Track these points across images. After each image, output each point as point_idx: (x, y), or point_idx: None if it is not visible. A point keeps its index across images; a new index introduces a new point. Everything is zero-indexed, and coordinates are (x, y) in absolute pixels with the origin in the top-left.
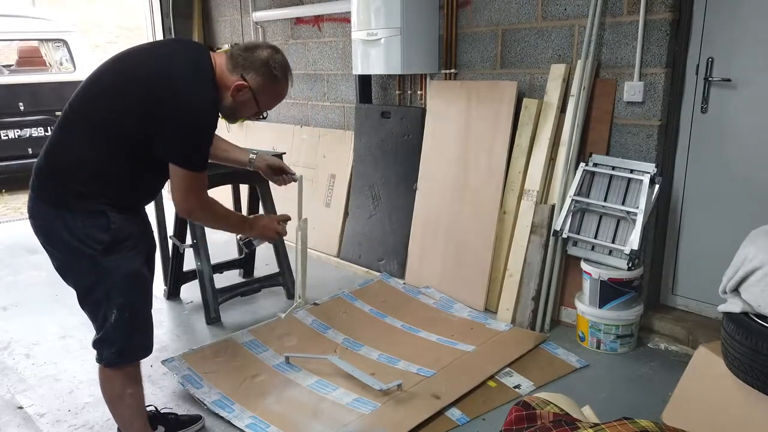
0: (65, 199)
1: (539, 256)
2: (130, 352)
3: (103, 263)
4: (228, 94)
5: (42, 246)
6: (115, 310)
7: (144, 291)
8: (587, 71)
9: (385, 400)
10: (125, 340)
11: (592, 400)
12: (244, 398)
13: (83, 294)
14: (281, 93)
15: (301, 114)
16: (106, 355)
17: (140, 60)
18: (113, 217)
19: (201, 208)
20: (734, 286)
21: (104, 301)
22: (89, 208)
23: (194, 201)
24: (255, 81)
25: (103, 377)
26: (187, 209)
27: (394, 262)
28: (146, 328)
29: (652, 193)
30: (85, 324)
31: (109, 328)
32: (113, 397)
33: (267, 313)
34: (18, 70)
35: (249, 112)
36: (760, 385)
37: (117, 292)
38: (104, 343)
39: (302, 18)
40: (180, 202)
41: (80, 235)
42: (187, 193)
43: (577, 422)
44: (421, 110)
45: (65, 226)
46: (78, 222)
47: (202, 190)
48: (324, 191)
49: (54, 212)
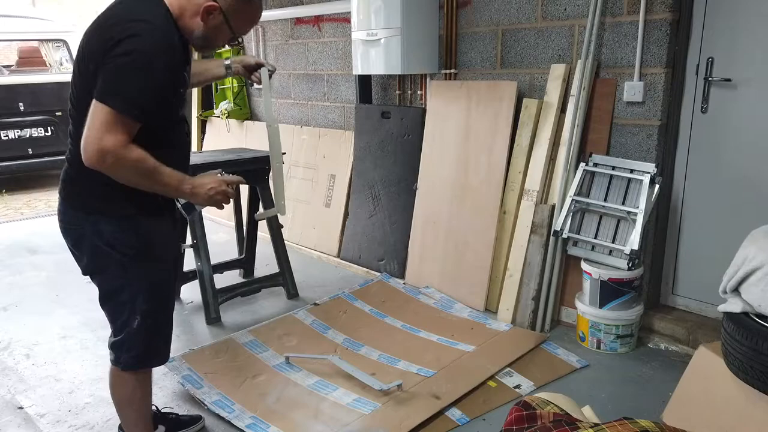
0: (93, 204)
1: (539, 256)
2: (149, 357)
3: (132, 269)
4: (198, 20)
5: (69, 249)
6: (138, 316)
7: (168, 298)
8: (587, 71)
9: (385, 400)
10: (146, 345)
11: (593, 400)
12: (244, 398)
13: (107, 296)
14: (254, 15)
15: (301, 114)
16: (125, 358)
17: (91, 25)
18: (143, 221)
19: (119, 154)
20: (734, 286)
21: (128, 305)
22: (119, 213)
23: (111, 143)
24: (226, 2)
25: (117, 379)
26: (99, 151)
27: (394, 262)
28: (167, 334)
29: (652, 193)
30: (85, 324)
31: (131, 332)
32: (123, 400)
33: (267, 313)
34: (18, 70)
35: (223, 39)
36: (760, 385)
37: (143, 298)
38: (123, 347)
39: (302, 18)
40: (92, 141)
41: (110, 240)
42: (105, 132)
43: (578, 422)
44: (421, 110)
45: (96, 232)
46: (108, 227)
47: (124, 134)
48: (324, 191)
49: (84, 217)
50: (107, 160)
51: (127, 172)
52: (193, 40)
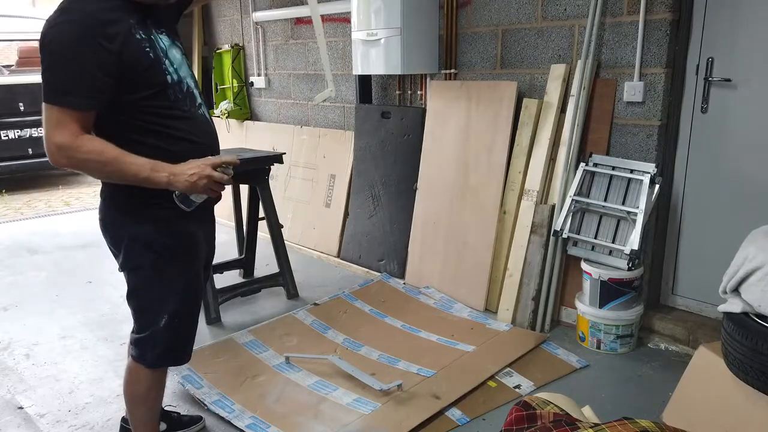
0: (130, 204)
1: (539, 256)
2: (172, 356)
3: (165, 269)
4: None
5: (107, 246)
6: (166, 316)
7: (196, 300)
8: (587, 71)
9: (385, 400)
10: (171, 344)
11: (592, 400)
12: (244, 398)
13: (137, 292)
14: None
15: (301, 114)
16: (150, 356)
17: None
18: (177, 222)
19: (72, 147)
20: (734, 286)
21: (157, 304)
22: (154, 214)
23: (60, 138)
24: None
25: (134, 376)
26: (53, 147)
27: (394, 262)
28: (192, 334)
29: (652, 193)
30: (85, 324)
31: (157, 331)
32: (137, 397)
33: (267, 313)
34: (18, 71)
35: None
36: (760, 385)
37: (173, 299)
38: (148, 344)
39: (302, 18)
40: (46, 141)
41: (147, 241)
42: (52, 128)
43: (578, 422)
44: (421, 110)
45: (132, 232)
46: (144, 227)
47: (72, 126)
48: (324, 191)
49: (122, 218)
50: (63, 155)
51: (90, 165)
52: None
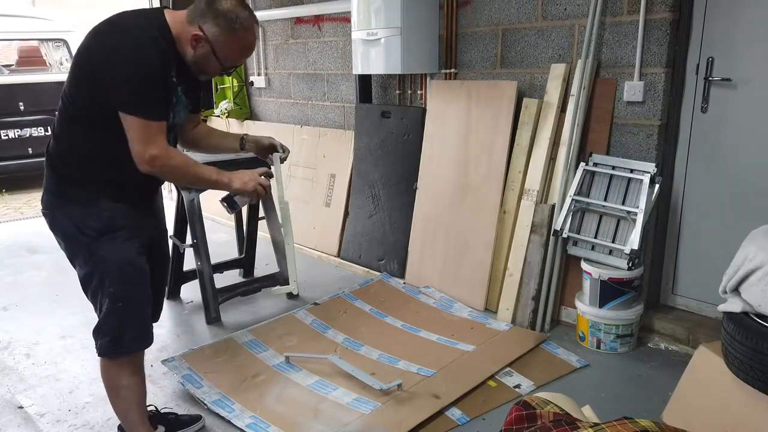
0: (63, 188)
1: (539, 256)
2: (122, 343)
3: (97, 251)
4: (189, 48)
5: (53, 236)
6: (107, 299)
7: (139, 282)
8: (587, 71)
9: (385, 399)
10: (117, 330)
11: (592, 400)
12: (244, 398)
13: (83, 282)
14: (243, 46)
15: (301, 114)
16: (100, 344)
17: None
18: (106, 204)
19: (165, 156)
20: (734, 285)
21: (99, 289)
22: (84, 197)
23: (156, 148)
24: (212, 32)
25: (101, 366)
26: (149, 157)
27: (394, 261)
28: (140, 320)
29: (652, 192)
30: (85, 324)
31: (102, 317)
32: (109, 388)
33: (267, 313)
34: (18, 70)
35: (213, 68)
36: (760, 385)
37: (109, 280)
38: (98, 332)
39: (302, 18)
40: (140, 152)
41: (78, 223)
42: (146, 142)
43: (577, 422)
44: (421, 110)
45: (66, 215)
46: (75, 209)
47: (159, 135)
48: (324, 191)
49: (57, 201)
50: (157, 163)
51: (180, 170)
52: (188, 64)
